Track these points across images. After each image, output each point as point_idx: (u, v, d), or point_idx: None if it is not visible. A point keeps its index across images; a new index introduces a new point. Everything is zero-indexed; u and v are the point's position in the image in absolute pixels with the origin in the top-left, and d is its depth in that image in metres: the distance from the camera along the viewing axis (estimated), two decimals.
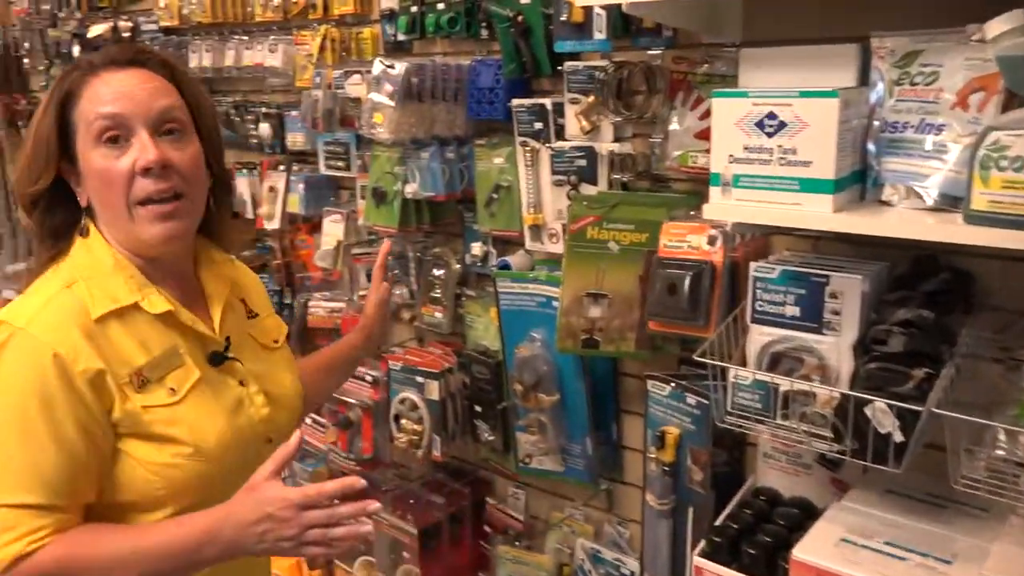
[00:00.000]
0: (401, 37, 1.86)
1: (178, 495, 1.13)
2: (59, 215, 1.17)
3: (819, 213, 1.08)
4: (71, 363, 1.07)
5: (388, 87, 1.64)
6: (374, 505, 1.10)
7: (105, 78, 1.14)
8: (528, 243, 1.73)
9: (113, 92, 1.12)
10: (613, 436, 1.71)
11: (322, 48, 1.97)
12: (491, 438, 1.85)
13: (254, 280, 1.41)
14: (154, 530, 1.11)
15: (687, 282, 1.34)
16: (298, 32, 2.05)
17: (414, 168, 1.75)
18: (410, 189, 1.75)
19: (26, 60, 3.04)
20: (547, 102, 1.61)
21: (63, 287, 1.12)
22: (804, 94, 1.07)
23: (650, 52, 1.49)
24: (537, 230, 1.70)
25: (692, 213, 1.40)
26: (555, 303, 1.61)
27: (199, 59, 2.27)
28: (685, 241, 1.37)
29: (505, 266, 1.76)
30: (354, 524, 1.08)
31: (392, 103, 1.64)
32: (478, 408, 1.87)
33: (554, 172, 1.60)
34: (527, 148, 1.65)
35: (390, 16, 1.88)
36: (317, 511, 1.07)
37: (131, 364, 1.12)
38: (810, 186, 1.08)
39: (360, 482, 1.12)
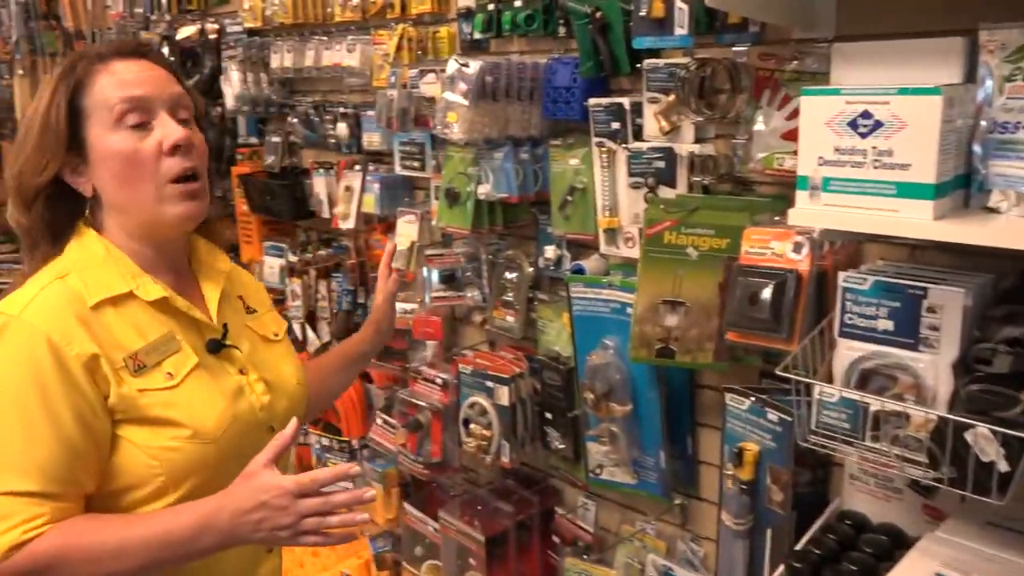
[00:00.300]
0: (477, 36, 1.83)
1: (178, 479, 1.13)
2: (61, 208, 1.18)
3: (918, 220, 1.00)
4: (65, 348, 1.07)
5: (462, 86, 1.62)
6: (369, 493, 1.11)
7: (116, 66, 1.16)
8: (603, 247, 1.67)
9: (131, 78, 1.15)
10: (688, 450, 1.64)
11: (399, 47, 1.96)
12: (561, 446, 1.81)
13: (251, 279, 1.43)
14: (151, 519, 1.11)
15: (770, 291, 1.27)
16: (376, 32, 2.05)
17: (487, 169, 1.72)
18: (483, 190, 1.71)
19: None
20: (625, 101, 1.56)
21: (56, 278, 1.13)
22: (903, 91, 0.99)
23: (735, 48, 1.42)
24: (612, 234, 1.65)
25: (777, 218, 1.33)
26: (629, 310, 1.55)
27: (280, 60, 2.30)
28: (768, 248, 1.30)
29: (579, 270, 1.72)
30: (349, 512, 1.08)
31: (466, 102, 1.61)
32: (548, 415, 1.82)
33: (631, 174, 1.54)
34: (603, 149, 1.60)
35: (467, 14, 1.86)
36: (312, 499, 1.07)
37: (127, 349, 1.13)
38: (908, 191, 1.00)
39: (354, 468, 1.14)
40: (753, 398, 1.42)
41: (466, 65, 1.62)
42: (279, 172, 2.44)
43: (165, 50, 2.58)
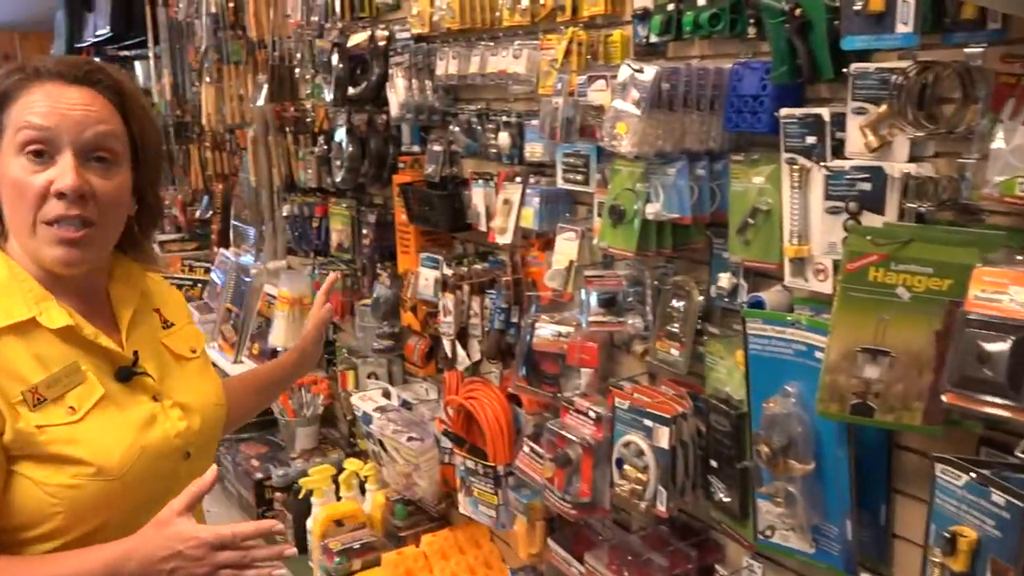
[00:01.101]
0: (654, 39, 1.66)
1: (79, 518, 1.09)
2: None
3: None
4: None
5: (635, 94, 1.46)
6: (290, 550, 1.11)
7: (47, 89, 1.11)
8: (788, 278, 1.46)
9: (49, 106, 1.10)
10: (881, 520, 1.40)
11: (567, 52, 1.83)
12: (726, 499, 1.60)
13: (171, 291, 1.39)
14: (49, 562, 1.05)
15: (1006, 347, 1.03)
16: (544, 36, 1.92)
17: (658, 185, 1.55)
18: (651, 209, 1.54)
19: (297, 70, 3.21)
20: (824, 112, 1.34)
21: None
22: None
23: (967, 50, 1.18)
24: (801, 264, 1.43)
25: (1019, 257, 1.08)
26: (818, 354, 1.33)
27: (445, 66, 2.23)
28: (1005, 293, 1.06)
29: (758, 303, 1.51)
30: (266, 567, 1.07)
31: (638, 112, 1.45)
32: (713, 463, 1.63)
33: (828, 196, 1.32)
34: (795, 166, 1.39)
35: (643, 16, 1.69)
36: (230, 552, 1.05)
37: (26, 381, 1.07)
38: None
39: (277, 525, 1.13)
40: (973, 474, 1.17)
41: (640, 71, 1.46)
42: (439, 182, 2.37)
43: (335, 58, 2.58)
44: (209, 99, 3.78)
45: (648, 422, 1.66)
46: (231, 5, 3.54)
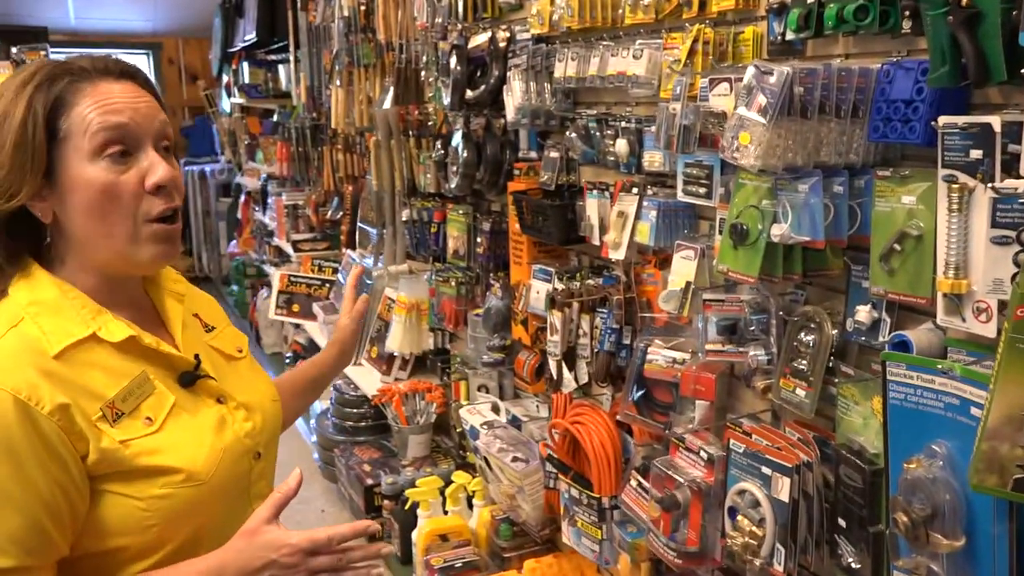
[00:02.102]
0: (790, 36, 1.47)
1: (172, 529, 1.07)
2: (20, 238, 1.08)
3: None
4: (34, 407, 0.98)
5: (761, 99, 1.27)
6: (386, 548, 1.14)
7: (102, 87, 1.07)
8: (940, 316, 1.23)
9: (119, 103, 1.06)
10: None
11: (692, 52, 1.65)
12: (856, 565, 1.39)
13: (201, 294, 1.35)
14: None
15: None
16: (668, 35, 1.76)
17: (787, 203, 1.35)
18: (777, 231, 1.35)
19: (423, 73, 3.17)
20: (995, 121, 1.12)
21: (9, 328, 1.02)
22: None
23: None
24: (957, 301, 1.20)
25: None
26: (974, 411, 1.11)
27: (564, 68, 2.09)
28: None
29: (902, 343, 1.29)
30: (363, 567, 1.06)
31: (763, 120, 1.26)
32: (842, 522, 1.41)
33: (995, 224, 1.10)
34: (954, 185, 1.17)
35: (779, 10, 1.50)
36: (324, 557, 1.04)
37: (102, 398, 1.04)
38: None
39: (373, 525, 1.10)
40: None
41: (768, 72, 1.27)
42: (554, 190, 2.24)
43: (452, 60, 2.50)
44: (339, 102, 3.81)
45: (766, 470, 1.47)
46: (363, 8, 3.55)
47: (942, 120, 1.18)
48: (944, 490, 1.17)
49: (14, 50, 3.86)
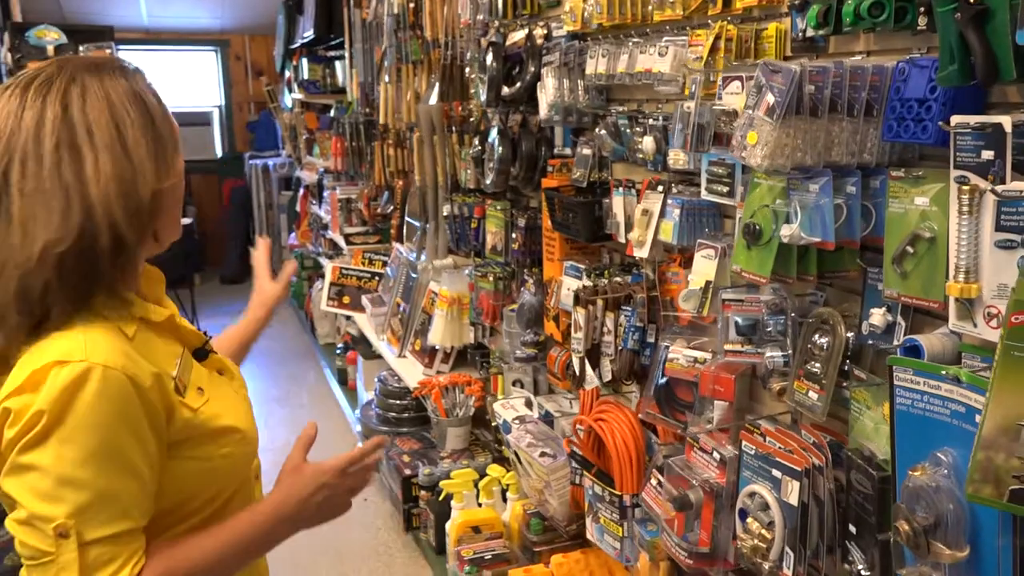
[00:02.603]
0: (812, 33, 1.44)
1: (227, 484, 1.21)
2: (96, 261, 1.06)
3: None
4: (142, 382, 1.06)
5: (769, 98, 1.26)
6: (383, 440, 1.34)
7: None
8: (953, 321, 1.20)
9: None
10: None
11: (713, 49, 1.64)
12: (865, 573, 1.36)
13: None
14: (230, 526, 1.17)
15: None
16: (692, 32, 1.74)
17: (797, 204, 1.33)
18: (786, 231, 1.33)
19: (467, 69, 3.20)
20: (1005, 121, 1.08)
21: (94, 316, 1.07)
22: None
23: None
24: (969, 305, 1.17)
25: None
26: (979, 418, 1.08)
27: (595, 65, 2.09)
28: None
29: (913, 348, 1.26)
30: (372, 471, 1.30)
31: (769, 119, 1.25)
32: (853, 528, 1.39)
33: (999, 227, 1.06)
34: (964, 187, 1.14)
35: (801, 7, 1.47)
36: (356, 468, 1.25)
37: (168, 373, 1.12)
38: None
39: (384, 439, 1.39)
40: None
41: (777, 71, 1.26)
42: (586, 188, 2.25)
43: (488, 57, 2.52)
44: (389, 98, 3.87)
45: (776, 472, 1.45)
46: (412, 5, 3.60)
47: (954, 120, 1.15)
48: (948, 499, 1.15)
49: (82, 48, 4.03)
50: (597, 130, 2.14)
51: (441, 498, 2.91)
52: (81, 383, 1.01)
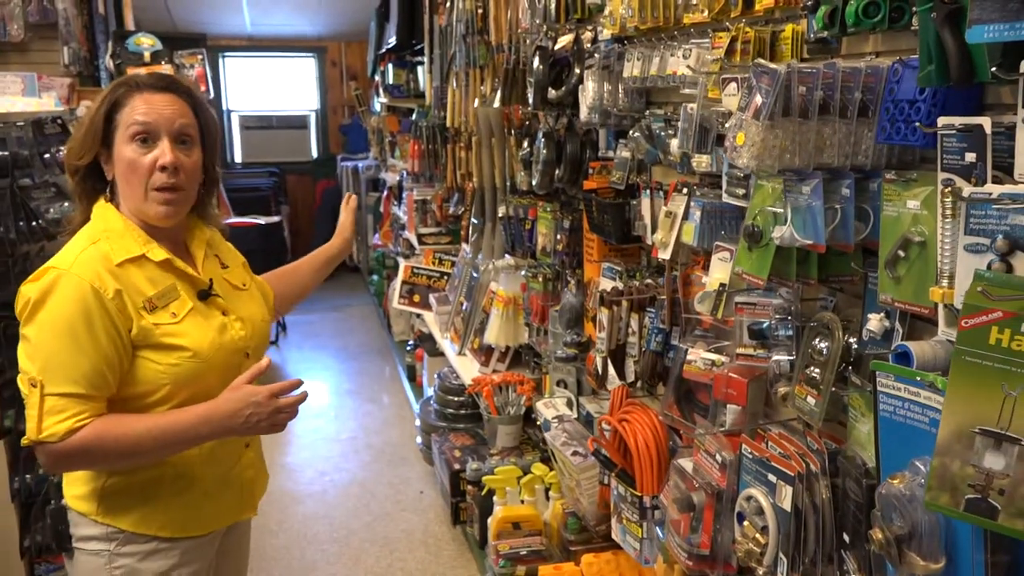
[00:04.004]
0: (823, 34, 1.43)
1: (179, 388, 1.56)
2: (90, 183, 1.61)
3: None
4: (103, 292, 1.48)
5: (757, 99, 1.26)
6: (304, 388, 1.61)
7: (145, 96, 1.56)
8: (942, 327, 1.17)
9: (149, 107, 1.55)
10: None
11: (730, 51, 1.63)
12: None
13: (223, 242, 1.83)
14: (163, 415, 1.54)
15: None
16: (715, 34, 1.74)
17: (789, 206, 1.33)
18: (778, 233, 1.33)
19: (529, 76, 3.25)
20: (986, 122, 1.06)
21: (90, 244, 1.53)
22: None
23: None
24: (956, 311, 1.14)
25: None
26: None
27: (631, 68, 2.11)
28: None
29: (903, 354, 1.23)
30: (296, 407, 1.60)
31: (756, 120, 1.25)
32: (846, 537, 1.37)
33: (968, 231, 1.04)
34: (948, 189, 1.11)
35: (813, 8, 1.46)
36: (284, 398, 1.57)
37: (144, 294, 1.53)
38: None
39: (299, 381, 1.62)
40: None
41: (766, 72, 1.26)
42: (624, 189, 2.26)
43: (535, 60, 2.57)
44: (456, 101, 3.96)
45: (772, 477, 1.44)
46: (480, 11, 3.68)
47: (941, 121, 1.13)
48: (922, 509, 1.12)
49: (176, 54, 4.29)
50: (632, 133, 2.15)
51: (484, 493, 2.96)
52: (56, 283, 1.47)
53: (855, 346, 1.40)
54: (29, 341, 1.49)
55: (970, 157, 1.09)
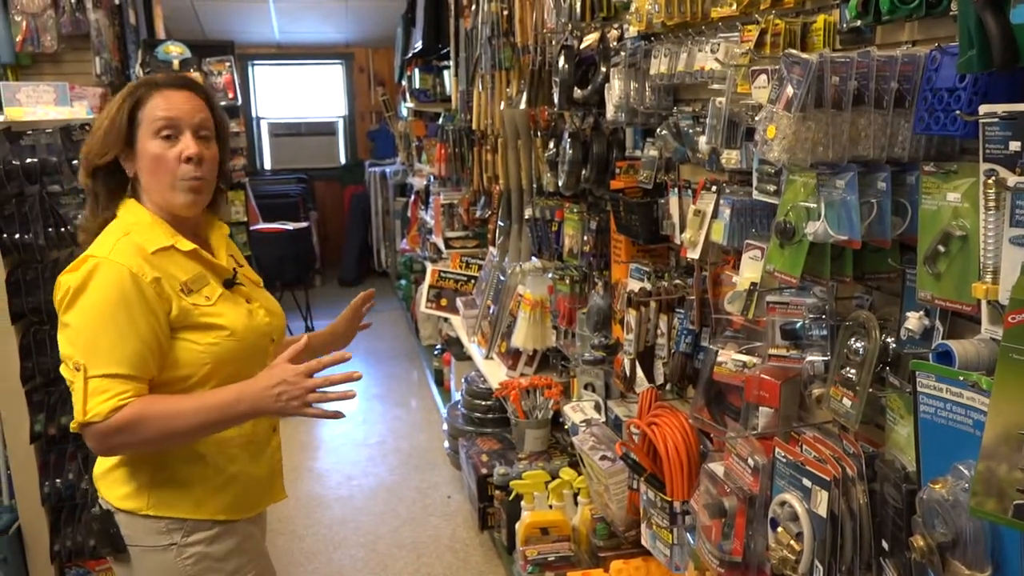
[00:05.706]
0: (856, 23, 1.38)
1: (218, 368, 1.62)
2: (113, 181, 1.66)
3: None
4: (142, 278, 1.55)
5: (788, 90, 1.21)
6: (357, 373, 1.57)
7: (166, 93, 1.64)
8: (986, 324, 1.12)
9: (171, 103, 1.63)
10: None
11: (760, 44, 1.59)
12: None
13: (231, 243, 1.86)
14: (202, 395, 1.60)
15: None
16: (744, 28, 1.70)
17: (822, 201, 1.28)
18: (811, 228, 1.28)
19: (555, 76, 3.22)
20: None
21: (123, 235, 1.59)
22: None
23: None
24: (1000, 308, 1.09)
25: None
26: None
27: (658, 65, 2.07)
28: None
29: (944, 354, 1.18)
30: (341, 388, 1.57)
31: (788, 112, 1.21)
32: (885, 544, 1.32)
33: (1015, 223, 0.99)
34: (991, 180, 1.06)
35: None
36: (318, 377, 1.55)
37: (178, 279, 1.61)
38: None
39: (348, 355, 1.64)
40: None
41: (797, 62, 1.21)
42: (652, 189, 2.22)
43: (561, 60, 2.54)
44: (482, 103, 3.94)
45: (807, 482, 1.39)
46: (505, 13, 3.66)
47: (982, 109, 1.08)
48: (967, 515, 1.07)
49: (205, 61, 4.32)
50: (659, 131, 2.11)
51: (511, 498, 2.93)
52: (95, 270, 1.53)
53: (893, 346, 1.35)
54: (70, 327, 1.54)
55: (1014, 146, 1.04)
